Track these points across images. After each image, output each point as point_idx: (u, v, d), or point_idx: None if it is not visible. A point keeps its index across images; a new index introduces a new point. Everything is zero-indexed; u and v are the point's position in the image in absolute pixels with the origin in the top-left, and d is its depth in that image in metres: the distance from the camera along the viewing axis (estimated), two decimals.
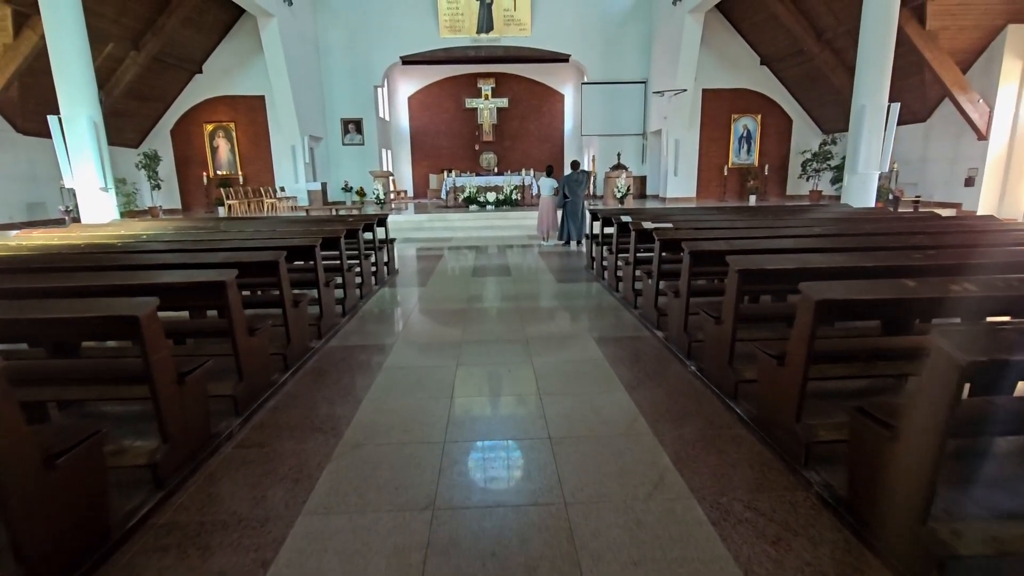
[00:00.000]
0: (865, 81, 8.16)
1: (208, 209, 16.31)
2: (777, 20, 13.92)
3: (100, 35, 11.54)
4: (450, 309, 5.90)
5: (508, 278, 7.55)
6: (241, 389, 3.21)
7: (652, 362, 4.13)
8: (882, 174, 12.95)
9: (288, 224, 6.84)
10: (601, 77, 17.81)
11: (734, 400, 3.31)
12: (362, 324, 5.35)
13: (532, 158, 20.93)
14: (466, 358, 4.33)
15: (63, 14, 7.49)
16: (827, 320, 3.28)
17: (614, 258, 6.39)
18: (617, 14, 17.43)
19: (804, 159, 16.12)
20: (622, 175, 15.44)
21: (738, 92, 16.68)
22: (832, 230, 4.76)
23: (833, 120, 15.91)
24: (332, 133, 18.02)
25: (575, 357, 4.30)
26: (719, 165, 17.21)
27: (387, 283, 7.34)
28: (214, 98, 16.10)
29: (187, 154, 16.37)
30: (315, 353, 4.41)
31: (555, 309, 5.90)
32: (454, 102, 20.92)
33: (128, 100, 13.92)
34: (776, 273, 3.14)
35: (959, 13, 10.52)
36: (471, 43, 17.44)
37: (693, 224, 5.78)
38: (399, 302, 6.34)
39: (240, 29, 15.53)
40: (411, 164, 21.54)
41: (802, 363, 2.53)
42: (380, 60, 17.54)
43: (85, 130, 7.68)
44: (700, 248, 3.90)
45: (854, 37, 12.40)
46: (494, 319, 5.51)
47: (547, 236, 10.67)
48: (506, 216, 13.96)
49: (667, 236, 4.61)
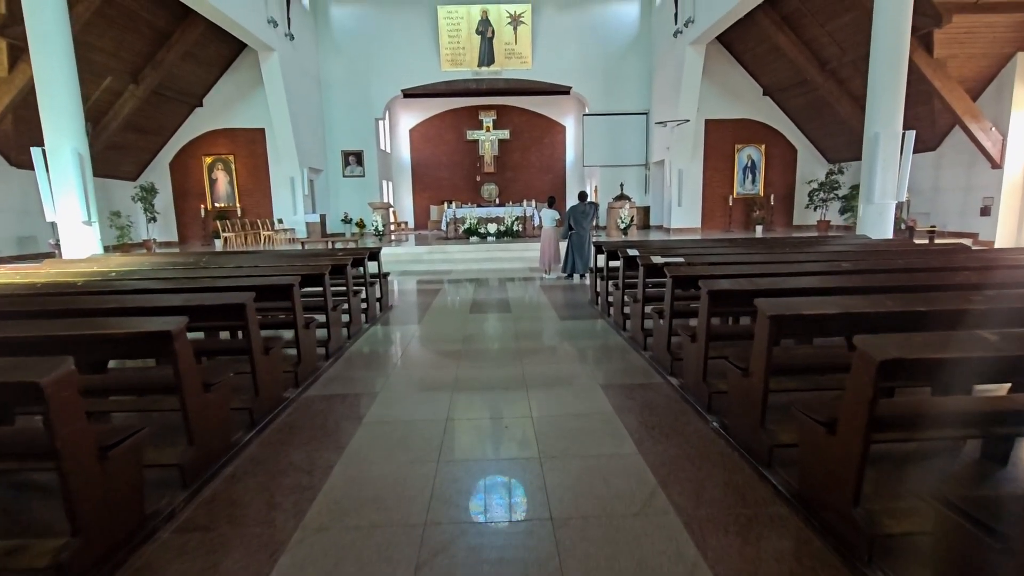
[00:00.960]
0: (877, 108, 7.88)
1: (205, 242, 16.06)
2: (779, 51, 13.85)
3: (98, 69, 11.50)
4: (444, 351, 5.44)
5: (508, 314, 7.11)
6: (190, 456, 2.74)
7: (668, 415, 3.65)
8: None
9: (275, 258, 6.47)
10: (602, 108, 17.76)
11: (768, 468, 2.82)
12: (347, 368, 4.89)
13: (534, 189, 20.78)
14: (458, 410, 3.85)
15: (51, 45, 7.33)
16: (892, 383, 2.74)
17: (620, 294, 5.96)
18: (617, 47, 17.50)
19: (811, 189, 15.84)
20: (625, 206, 15.15)
21: (741, 122, 16.55)
22: (862, 265, 4.33)
23: (839, 150, 15.70)
24: (332, 165, 17.93)
25: (580, 409, 3.82)
26: (723, 195, 16.95)
27: (379, 320, 6.90)
28: (214, 131, 16.05)
29: (185, 186, 16.22)
30: (289, 404, 3.94)
31: (558, 350, 5.43)
32: (455, 134, 20.92)
33: (126, 133, 13.82)
34: (815, 319, 2.69)
35: (967, 41, 10.35)
36: (472, 76, 17.48)
37: (705, 258, 5.36)
38: (390, 342, 5.89)
39: (241, 63, 15.58)
40: (412, 195, 21.41)
41: (860, 434, 2.05)
42: (381, 93, 17.57)
43: (69, 161, 7.42)
44: (720, 287, 3.46)
45: (859, 67, 12.30)
46: (492, 362, 5.04)
47: (549, 269, 10.28)
48: (507, 248, 13.62)
49: (680, 272, 4.18)
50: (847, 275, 3.92)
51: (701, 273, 4.17)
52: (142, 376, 3.52)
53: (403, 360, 5.15)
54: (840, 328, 2.84)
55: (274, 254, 7.35)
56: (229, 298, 3.35)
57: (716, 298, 3.47)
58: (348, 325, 5.83)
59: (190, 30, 12.53)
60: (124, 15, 10.95)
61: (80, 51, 10.63)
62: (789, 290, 3.43)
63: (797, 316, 2.66)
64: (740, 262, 5.14)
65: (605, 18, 17.29)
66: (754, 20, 13.21)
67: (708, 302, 3.46)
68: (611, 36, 17.41)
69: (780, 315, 2.65)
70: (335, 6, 17.08)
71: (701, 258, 5.33)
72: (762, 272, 4.21)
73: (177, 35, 12.51)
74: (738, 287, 3.48)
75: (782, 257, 5.44)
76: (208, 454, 2.91)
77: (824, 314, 2.67)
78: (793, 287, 3.48)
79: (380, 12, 17.03)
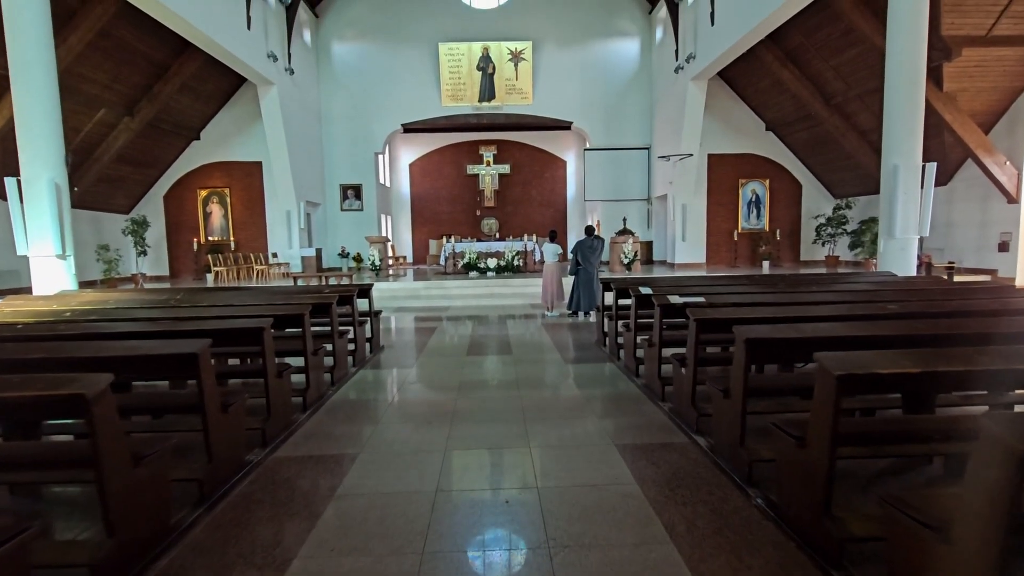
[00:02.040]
0: (895, 140, 7.55)
1: (197, 276, 15.62)
2: (782, 86, 13.74)
3: (91, 101, 11.29)
4: (437, 400, 4.86)
5: (508, 357, 6.55)
6: (107, 552, 2.15)
7: (699, 488, 3.06)
8: None
9: (257, 296, 5.96)
10: (604, 143, 17.64)
11: (839, 570, 2.23)
12: (327, 421, 4.31)
13: (534, 223, 20.50)
14: (451, 478, 3.27)
15: (33, 72, 7.03)
16: None
17: (632, 336, 5.42)
18: (618, 83, 17.50)
19: (818, 224, 15.50)
20: (629, 240, 14.79)
21: (744, 157, 16.37)
22: (912, 308, 3.82)
23: (845, 184, 15.45)
24: (331, 198, 17.67)
25: (595, 477, 3.23)
26: (728, 230, 16.61)
27: (369, 363, 6.34)
28: (210, 164, 15.83)
29: (179, 219, 15.89)
30: (252, 470, 3.35)
31: (564, 400, 4.85)
32: (455, 168, 20.79)
33: (119, 166, 13.55)
34: (893, 379, 2.16)
35: (977, 75, 10.16)
36: (473, 111, 17.42)
37: (725, 297, 4.85)
38: (378, 389, 5.32)
39: (241, 96, 15.49)
40: (411, 230, 21.12)
41: (996, 546, 1.50)
42: (381, 127, 17.47)
43: (44, 192, 7.01)
44: (759, 335, 2.94)
45: (866, 101, 12.12)
46: (490, 413, 4.47)
47: (552, 306, 9.76)
48: (508, 283, 13.15)
49: (705, 315, 3.67)
50: (902, 321, 3.40)
51: (730, 316, 3.66)
52: (46, 448, 2.96)
53: (390, 412, 4.57)
54: (921, 388, 2.31)
55: (259, 290, 6.85)
56: (179, 347, 2.82)
57: (755, 347, 2.94)
58: (332, 369, 5.26)
59: (188, 63, 12.41)
60: (120, 47, 10.80)
61: (72, 82, 10.48)
62: (842, 339, 2.90)
63: (871, 376, 2.13)
64: (766, 302, 4.64)
65: (606, 54, 17.36)
66: (756, 56, 13.15)
67: (746, 353, 2.93)
68: (612, 72, 17.44)
69: (850, 375, 2.12)
70: (337, 43, 17.17)
71: (720, 297, 4.82)
72: (798, 315, 3.70)
73: (175, 68, 12.38)
74: (780, 335, 2.95)
75: (810, 296, 4.94)
76: (136, 546, 2.33)
77: (903, 373, 2.14)
78: (846, 335, 2.95)
79: (382, 48, 17.10)
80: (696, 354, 3.73)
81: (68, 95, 10.65)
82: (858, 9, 10.06)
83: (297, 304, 4.72)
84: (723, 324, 3.70)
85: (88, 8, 9.52)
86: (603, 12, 17.12)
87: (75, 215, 13.36)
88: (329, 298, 5.15)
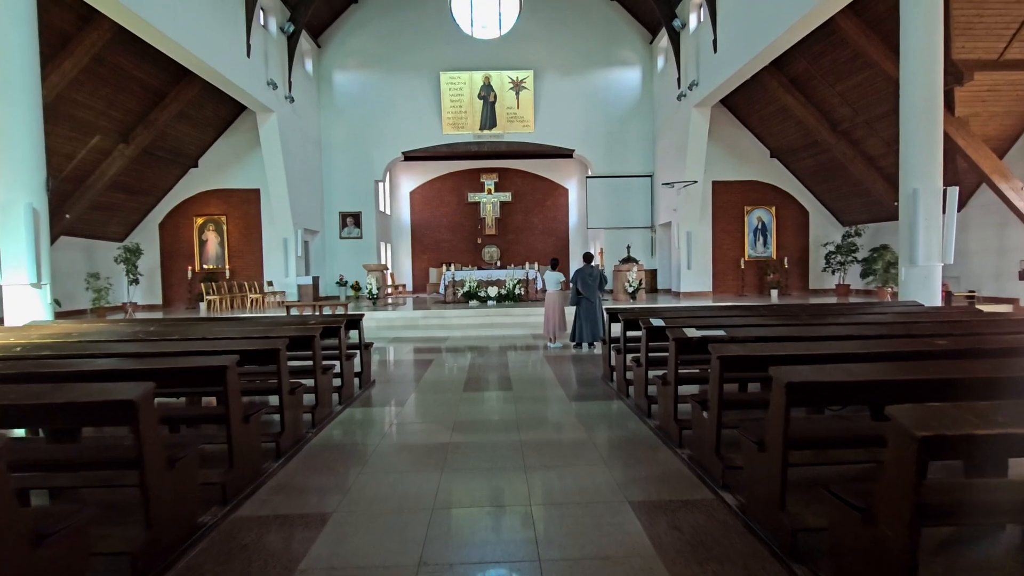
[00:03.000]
0: (913, 163, 7.21)
1: (190, 305, 15.23)
2: (787, 112, 13.57)
3: (85, 127, 11.11)
4: (428, 445, 4.37)
5: (508, 393, 6.07)
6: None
7: (735, 563, 2.55)
8: None
9: (237, 327, 5.53)
10: (606, 171, 17.46)
11: None
12: (301, 471, 3.82)
13: (536, 251, 20.19)
14: (437, 547, 2.76)
15: (16, 93, 6.78)
16: None
17: (643, 372, 4.95)
18: (620, 110, 17.43)
19: (827, 252, 15.13)
20: (633, 268, 14.41)
21: (749, 184, 16.12)
22: (963, 344, 3.37)
23: (853, 212, 15.14)
24: (330, 226, 17.43)
25: (608, 545, 2.73)
26: (735, 258, 16.23)
27: (358, 400, 5.86)
28: (207, 191, 15.63)
29: (174, 247, 15.60)
30: (204, 535, 2.85)
31: (570, 444, 4.35)
32: (456, 196, 20.61)
33: (114, 193, 13.33)
34: (988, 441, 1.71)
35: (989, 99, 9.92)
36: (474, 139, 17.32)
37: (745, 330, 4.41)
38: (363, 432, 4.82)
39: (241, 124, 15.39)
40: (411, 258, 20.82)
41: None
42: (382, 156, 17.35)
43: (21, 217, 6.67)
44: (801, 378, 2.49)
45: (874, 127, 11.89)
46: (487, 460, 3.98)
47: (554, 337, 9.30)
48: (508, 313, 12.72)
49: (729, 352, 3.22)
50: (956, 360, 2.95)
51: (758, 353, 3.21)
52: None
53: (375, 459, 4.07)
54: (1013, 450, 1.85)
55: (244, 321, 6.43)
56: (116, 392, 2.38)
57: (797, 392, 2.49)
58: (315, 409, 4.79)
59: (186, 90, 12.30)
60: (116, 74, 10.68)
61: (66, 108, 10.31)
62: (900, 385, 2.45)
63: (964, 439, 1.67)
64: (791, 336, 4.19)
65: (607, 83, 17.34)
66: (760, 82, 13.01)
67: (785, 398, 2.47)
68: (613, 100, 17.39)
69: (939, 437, 1.66)
70: (339, 72, 17.21)
71: (741, 331, 4.38)
72: (835, 352, 3.24)
73: (172, 95, 12.26)
74: (826, 377, 2.50)
75: (838, 329, 4.49)
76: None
77: (1006, 435, 1.68)
78: (903, 379, 2.50)
79: (383, 77, 17.12)
80: (720, 396, 3.27)
81: (61, 121, 10.51)
82: (865, 34, 9.91)
83: (275, 338, 4.28)
84: (751, 362, 3.25)
85: (83, 34, 9.40)
86: (604, 42, 17.18)
87: (66, 243, 13.18)
88: (312, 330, 4.71)
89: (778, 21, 10.07)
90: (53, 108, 10.06)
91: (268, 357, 3.91)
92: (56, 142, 10.80)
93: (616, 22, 17.18)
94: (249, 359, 3.94)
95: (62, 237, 12.77)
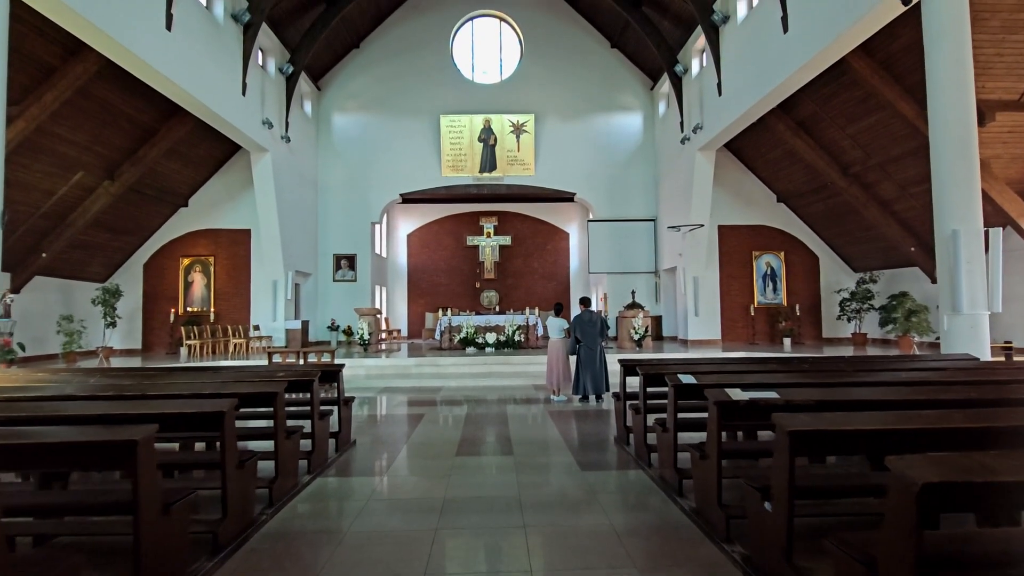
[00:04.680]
0: (948, 204, 6.65)
1: (170, 349, 14.37)
2: (795, 156, 13.24)
3: (68, 162, 10.63)
4: (409, 532, 3.51)
5: (508, 459, 5.21)
6: None
7: None
8: None
9: (193, 377, 4.75)
10: (608, 215, 17.06)
11: None
12: (244, 572, 2.96)
13: (537, 296, 19.52)
14: None
15: None
16: None
17: (671, 439, 4.14)
18: (622, 154, 17.21)
19: (842, 299, 14.48)
20: (639, 315, 13.71)
21: (756, 228, 15.66)
22: None
23: (865, 258, 14.61)
24: (323, 269, 16.82)
25: None
26: (743, 305, 15.56)
27: (333, 465, 5.00)
28: (196, 231, 15.07)
29: (158, 289, 14.89)
30: None
31: (587, 536, 3.47)
32: (455, 239, 20.14)
33: (97, 232, 12.75)
34: None
35: (1011, 141, 9.53)
36: (473, 181, 16.99)
37: (794, 392, 3.65)
38: (329, 514, 3.96)
39: (235, 163, 15.02)
40: (407, 302, 20.12)
41: None
42: (379, 197, 16.98)
43: None
44: (932, 477, 1.72)
45: (887, 170, 11.49)
46: (481, 560, 3.13)
47: (558, 389, 8.47)
48: (508, 361, 11.91)
49: (802, 426, 2.45)
50: None
51: (841, 427, 2.45)
52: None
53: (337, 558, 3.19)
54: None
55: (205, 373, 5.64)
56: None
57: (930, 498, 1.72)
58: (274, 482, 3.94)
59: (177, 127, 11.93)
60: (102, 108, 10.28)
61: (47, 142, 9.86)
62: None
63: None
64: (853, 399, 3.43)
65: (608, 127, 17.19)
66: (766, 126, 12.73)
67: (916, 507, 1.69)
68: (615, 144, 17.20)
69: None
70: (338, 114, 17.06)
71: (790, 392, 3.62)
72: (936, 428, 2.48)
73: (163, 132, 11.87)
74: (963, 476, 1.74)
75: (905, 392, 3.72)
76: None
77: None
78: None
79: (383, 120, 16.96)
80: (791, 484, 2.47)
81: (41, 155, 10.03)
82: (878, 74, 9.61)
83: (224, 396, 3.49)
84: (828, 440, 2.48)
85: (68, 66, 9.03)
86: (605, 87, 17.15)
87: (41, 283, 12.45)
88: (276, 386, 3.92)
89: (785, 63, 9.83)
90: (33, 141, 9.62)
91: (211, 422, 3.12)
92: (35, 177, 10.32)
93: (616, 68, 17.21)
94: (186, 425, 3.15)
95: (37, 277, 12.09)
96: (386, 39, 16.94)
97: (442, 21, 17.05)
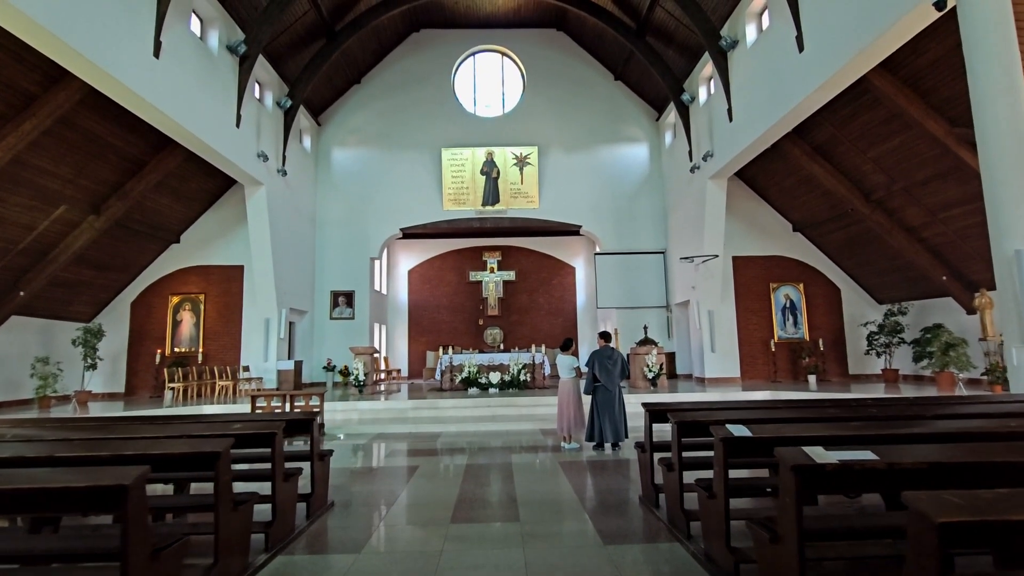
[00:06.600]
0: (1005, 223, 5.91)
1: (155, 392, 13.52)
2: (812, 183, 12.63)
3: (49, 195, 10.12)
4: None
5: (513, 528, 4.30)
6: None
7: None
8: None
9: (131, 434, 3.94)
10: (615, 247, 16.42)
11: None
12: None
13: (542, 333, 18.68)
14: None
15: None
16: None
17: (721, 506, 3.26)
18: (628, 186, 16.72)
19: (869, 332, 13.57)
20: (652, 352, 12.81)
21: (773, 259, 14.92)
22: None
23: (890, 288, 13.77)
24: (320, 306, 16.13)
25: None
26: (762, 339, 14.65)
27: (301, 536, 4.11)
28: (187, 268, 14.48)
29: (145, 329, 14.17)
30: None
31: None
32: (457, 275, 19.50)
33: (80, 269, 12.15)
34: None
35: None
36: (476, 215, 16.47)
37: (887, 451, 2.82)
38: None
39: (230, 197, 14.56)
40: (407, 340, 19.30)
41: None
42: (379, 232, 16.44)
43: None
44: None
45: (914, 194, 10.81)
46: None
47: (570, 436, 7.55)
48: (513, 403, 11.00)
49: (950, 516, 1.63)
50: None
51: (994, 518, 1.63)
52: None
53: None
54: None
55: (158, 423, 4.83)
56: None
57: None
58: (212, 568, 3.07)
59: (167, 159, 11.49)
60: (86, 139, 9.83)
61: (26, 174, 9.36)
62: None
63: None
64: (980, 461, 2.59)
65: (614, 158, 16.77)
66: (781, 152, 12.19)
67: None
68: (621, 175, 16.73)
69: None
70: (338, 149, 16.76)
71: (882, 449, 2.78)
72: None
73: (152, 164, 11.42)
74: None
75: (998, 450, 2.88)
76: None
77: None
78: None
79: (383, 154, 16.63)
80: None
81: (19, 187, 9.53)
82: (903, 93, 9.07)
83: (146, 459, 2.69)
84: (993, 533, 1.65)
85: (50, 94, 8.62)
86: (609, 118, 16.84)
87: (19, 323, 11.74)
88: (217, 445, 3.10)
89: (801, 84, 9.35)
90: (10, 173, 9.13)
91: (112, 498, 2.31)
92: (12, 211, 9.78)
93: (620, 100, 16.94)
94: (88, 502, 2.34)
95: (14, 317, 11.41)
96: (388, 74, 16.80)
97: (444, 56, 16.94)
